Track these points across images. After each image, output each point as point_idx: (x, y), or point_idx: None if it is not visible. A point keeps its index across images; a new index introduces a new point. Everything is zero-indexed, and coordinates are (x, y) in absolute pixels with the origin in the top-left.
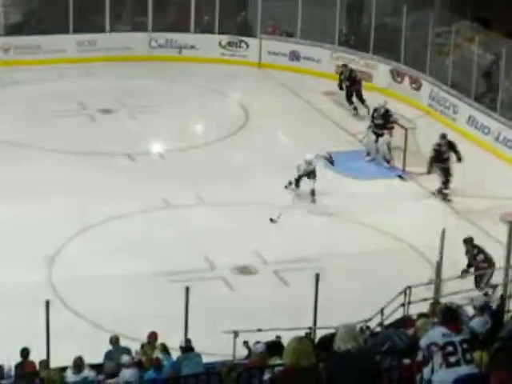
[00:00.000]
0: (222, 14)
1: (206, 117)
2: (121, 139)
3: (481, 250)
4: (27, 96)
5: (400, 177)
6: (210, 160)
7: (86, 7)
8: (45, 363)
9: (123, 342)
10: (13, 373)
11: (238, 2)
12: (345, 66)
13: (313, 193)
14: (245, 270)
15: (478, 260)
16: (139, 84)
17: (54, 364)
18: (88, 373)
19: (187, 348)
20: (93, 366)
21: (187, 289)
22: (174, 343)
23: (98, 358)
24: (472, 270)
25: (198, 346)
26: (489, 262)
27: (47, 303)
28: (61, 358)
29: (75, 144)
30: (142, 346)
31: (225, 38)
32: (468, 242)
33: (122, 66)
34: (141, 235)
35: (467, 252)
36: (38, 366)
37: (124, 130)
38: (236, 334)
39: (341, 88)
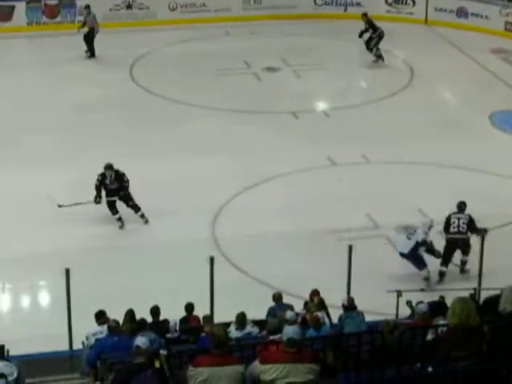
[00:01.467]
0: None
1: (370, 75)
2: (285, 97)
3: None
4: (194, 54)
5: None
6: (374, 118)
7: None
8: (209, 318)
9: (286, 299)
10: (178, 327)
11: None
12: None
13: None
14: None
15: None
16: (304, 42)
17: (217, 319)
18: (251, 329)
19: (350, 306)
20: (256, 322)
21: (350, 247)
22: (337, 301)
23: (261, 315)
24: None
25: (360, 305)
26: None
27: (211, 259)
28: (224, 314)
29: (240, 103)
30: (306, 303)
31: None
32: None
33: (286, 24)
34: (305, 193)
35: None
36: (202, 321)
37: (288, 89)
38: (399, 293)
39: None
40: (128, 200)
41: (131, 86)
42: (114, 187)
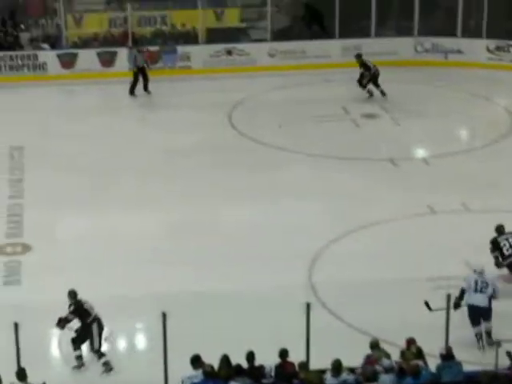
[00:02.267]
0: (491, 17)
1: (470, 122)
2: (384, 144)
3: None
4: (292, 100)
5: None
6: (474, 166)
7: (352, 13)
8: (304, 365)
9: (382, 347)
10: (273, 373)
11: (509, 6)
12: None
13: None
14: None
15: None
16: (404, 89)
17: (313, 366)
18: (347, 376)
19: (448, 356)
20: (352, 370)
21: (448, 296)
22: (434, 350)
23: (357, 362)
24: None
25: (458, 354)
26: None
27: (308, 305)
28: (320, 361)
29: (338, 149)
30: (402, 352)
31: (492, 43)
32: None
33: (386, 70)
34: (402, 240)
35: None
36: (297, 368)
37: (387, 135)
38: (499, 343)
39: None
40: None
41: (229, 131)
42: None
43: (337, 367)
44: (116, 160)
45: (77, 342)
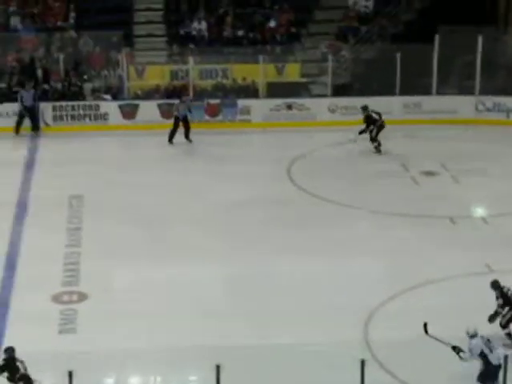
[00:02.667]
0: None
1: None
2: (443, 202)
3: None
4: (352, 156)
5: None
6: None
7: (413, 70)
8: None
9: None
10: None
11: None
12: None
13: None
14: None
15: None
16: (464, 147)
17: None
18: None
19: None
20: None
21: (506, 357)
22: None
23: None
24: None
25: None
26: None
27: (362, 362)
28: None
29: (396, 206)
30: None
31: None
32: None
33: (446, 128)
34: (460, 299)
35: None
36: None
37: (446, 193)
38: None
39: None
40: None
41: (288, 185)
42: None
43: None
44: (173, 211)
45: None
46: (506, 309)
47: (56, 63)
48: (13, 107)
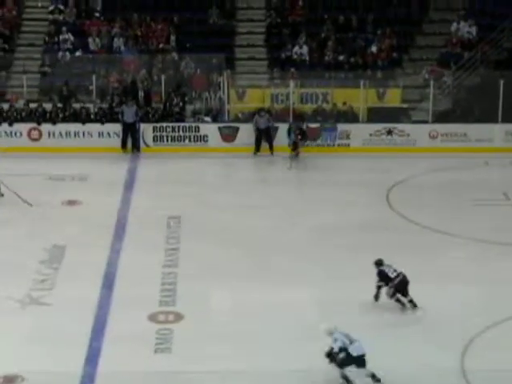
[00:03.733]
0: None
1: None
2: None
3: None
4: (451, 183)
5: None
6: None
7: None
8: None
9: None
10: None
11: None
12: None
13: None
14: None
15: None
16: None
17: None
18: None
19: None
20: None
21: None
22: None
23: None
24: None
25: None
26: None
27: None
28: None
29: (497, 234)
30: None
31: None
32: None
33: None
34: None
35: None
36: None
37: None
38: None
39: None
40: None
41: (386, 211)
42: None
43: None
44: (270, 234)
45: None
46: (382, 283)
47: (157, 85)
48: (114, 128)
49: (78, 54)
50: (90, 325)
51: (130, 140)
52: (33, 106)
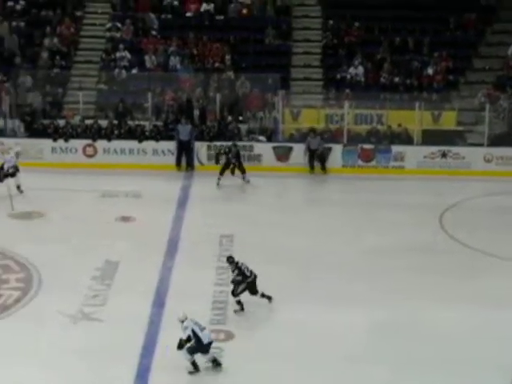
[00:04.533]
0: None
1: None
2: None
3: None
4: (505, 207)
5: None
6: None
7: None
8: None
9: None
10: None
11: None
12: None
13: None
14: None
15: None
16: None
17: None
18: None
19: None
20: None
21: None
22: None
23: None
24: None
25: None
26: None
27: None
28: None
29: None
30: None
31: None
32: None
33: None
34: None
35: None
36: None
37: None
38: None
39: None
40: None
41: (439, 234)
42: None
43: None
44: (322, 254)
45: None
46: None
47: (212, 103)
48: (168, 145)
49: (134, 71)
50: (140, 342)
51: (185, 158)
52: (88, 122)
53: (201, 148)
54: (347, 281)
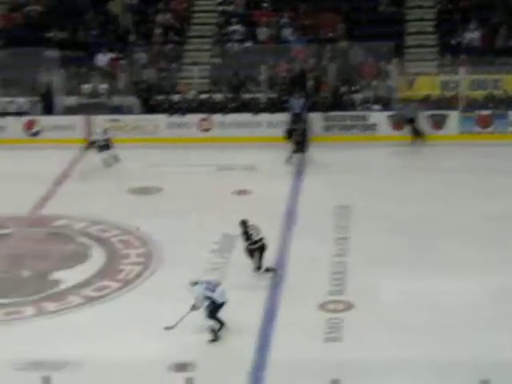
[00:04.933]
0: None
1: None
2: None
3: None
4: None
5: None
6: None
7: None
8: None
9: None
10: None
11: None
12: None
13: None
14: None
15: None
16: None
17: None
18: None
19: None
20: None
21: None
22: None
23: None
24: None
25: None
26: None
27: None
28: None
29: None
30: None
31: None
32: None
33: None
34: None
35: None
36: None
37: None
38: None
39: None
40: None
41: None
42: None
43: None
44: (438, 223)
45: None
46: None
47: (326, 74)
48: (283, 117)
49: (247, 44)
50: (260, 313)
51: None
52: (203, 96)
53: (316, 119)
54: (465, 248)
